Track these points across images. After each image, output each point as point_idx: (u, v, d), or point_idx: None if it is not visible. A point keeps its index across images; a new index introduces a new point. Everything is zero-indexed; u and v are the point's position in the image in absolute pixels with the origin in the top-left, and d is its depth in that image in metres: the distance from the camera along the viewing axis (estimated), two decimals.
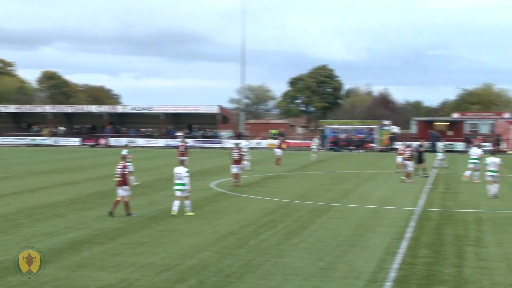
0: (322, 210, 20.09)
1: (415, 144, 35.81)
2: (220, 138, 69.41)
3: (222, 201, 22.29)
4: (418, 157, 31.73)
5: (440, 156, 38.19)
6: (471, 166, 29.77)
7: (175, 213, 18.50)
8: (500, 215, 19.16)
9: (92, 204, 21.34)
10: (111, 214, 18.31)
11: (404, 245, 14.44)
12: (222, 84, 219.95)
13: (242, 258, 13.10)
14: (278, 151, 41.18)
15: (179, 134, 67.87)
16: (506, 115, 66.22)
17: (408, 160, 29.96)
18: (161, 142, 68.74)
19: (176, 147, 39.67)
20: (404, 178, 29.58)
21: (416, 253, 13.61)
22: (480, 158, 30.15)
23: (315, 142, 48.70)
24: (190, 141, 61.81)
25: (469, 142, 57.96)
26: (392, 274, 11.71)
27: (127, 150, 26.97)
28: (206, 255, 13.38)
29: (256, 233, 15.98)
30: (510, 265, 12.48)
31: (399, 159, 33.13)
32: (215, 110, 71.79)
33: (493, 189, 23.36)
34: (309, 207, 20.71)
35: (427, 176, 30.35)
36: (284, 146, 44.27)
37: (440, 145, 39.93)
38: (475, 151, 30.70)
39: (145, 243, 14.64)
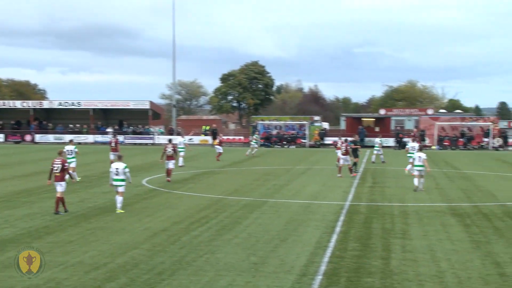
0: (255, 205, 20.21)
1: (350, 139, 36.59)
2: (151, 134, 68.50)
3: (154, 198, 22.02)
4: (352, 153, 32.27)
5: (377, 151, 39.73)
6: (410, 160, 30.57)
7: (120, 211, 18.32)
8: (425, 208, 19.90)
9: (17, 202, 20.56)
10: (59, 213, 17.85)
11: (334, 238, 14.74)
12: (153, 79, 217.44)
13: (174, 255, 12.99)
14: (219, 147, 41.89)
15: (109, 130, 66.44)
16: (429, 112, 68.62)
17: (344, 154, 30.51)
18: (90, 138, 67.08)
19: (108, 143, 38.85)
20: (350, 171, 30.32)
21: (346, 246, 13.93)
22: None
23: (254, 138, 49.39)
24: (120, 137, 60.61)
25: (397, 137, 59.84)
26: (323, 268, 11.94)
27: (73, 146, 27.16)
28: (137, 252, 13.18)
29: (188, 229, 15.89)
30: (434, 257, 12.98)
31: (338, 153, 33.76)
32: (146, 106, 70.76)
33: (417, 182, 24.28)
34: (242, 203, 20.77)
35: (357, 172, 31.09)
36: (215, 142, 44.47)
37: (377, 140, 41.49)
38: (412, 145, 31.91)
39: (74, 241, 14.26)
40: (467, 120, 62.94)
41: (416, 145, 31.95)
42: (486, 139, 58.79)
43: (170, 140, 30.12)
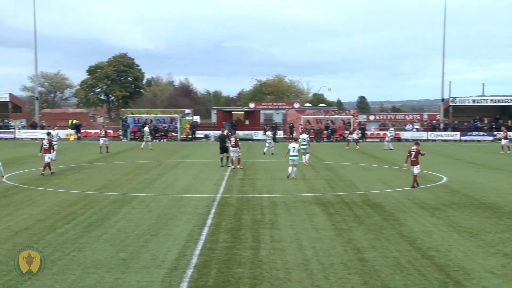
0: (125, 200, 19.78)
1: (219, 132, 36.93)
2: (11, 128, 64.50)
3: (15, 196, 20.77)
4: (222, 146, 32.13)
5: (269, 143, 40.84)
6: (302, 151, 31.99)
7: None
8: (292, 199, 20.63)
9: None
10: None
11: (205, 231, 14.83)
12: (14, 71, 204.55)
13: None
14: (103, 140, 42.58)
15: None
16: (296, 105, 71.16)
17: (234, 147, 30.79)
18: None
19: None
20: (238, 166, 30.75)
21: (217, 238, 14.08)
22: (308, 143, 33.06)
23: (146, 133, 49.20)
24: None
25: (265, 130, 61.42)
26: (194, 260, 11.98)
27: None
28: None
29: (53, 227, 15.19)
30: (300, 245, 13.52)
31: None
32: (5, 98, 66.55)
33: (290, 171, 26.09)
34: (111, 198, 20.25)
35: (228, 166, 31.33)
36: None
37: (269, 133, 43.05)
38: (304, 137, 33.55)
39: None
40: (330, 113, 66.19)
41: (306, 136, 33.87)
42: (347, 132, 62.16)
43: (48, 134, 30.08)
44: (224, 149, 31.91)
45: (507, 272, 11.47)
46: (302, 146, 32.05)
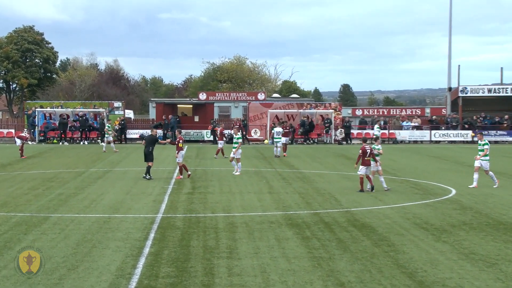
0: (32, 223, 19.53)
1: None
2: None
3: None
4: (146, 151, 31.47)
5: (278, 141, 44.38)
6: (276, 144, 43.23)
7: None
8: (256, 218, 20.65)
9: None
10: None
11: (142, 263, 14.74)
12: None
13: None
14: (19, 141, 43.88)
15: None
16: (261, 96, 71.55)
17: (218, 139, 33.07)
18: None
19: None
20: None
21: (157, 272, 14.01)
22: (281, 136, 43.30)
23: (109, 129, 50.75)
24: None
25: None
26: None
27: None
28: None
29: None
30: (267, 280, 13.54)
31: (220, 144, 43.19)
32: None
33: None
34: (13, 221, 19.98)
35: (146, 178, 30.59)
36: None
37: (278, 130, 44.98)
38: (278, 130, 43.93)
39: None
40: (306, 107, 66.62)
41: (280, 129, 43.93)
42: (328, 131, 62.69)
43: None
44: (148, 156, 30.90)
45: None
46: (276, 139, 43.27)
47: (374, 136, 41.71)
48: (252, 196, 25.49)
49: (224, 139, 45.44)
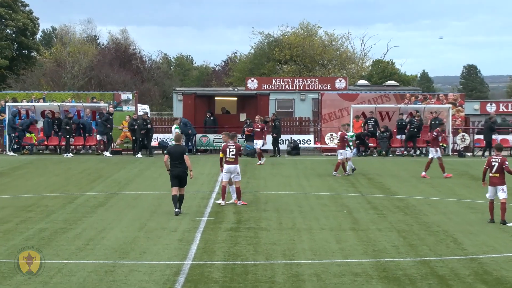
0: (1, 274, 19.73)
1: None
2: None
3: None
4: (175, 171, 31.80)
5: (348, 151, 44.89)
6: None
7: None
8: (333, 268, 20.59)
9: None
10: None
11: None
12: None
13: None
14: None
15: None
16: (340, 84, 71.59)
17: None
18: None
19: None
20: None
21: None
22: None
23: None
24: None
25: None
26: None
27: None
28: None
29: None
30: None
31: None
32: None
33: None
34: None
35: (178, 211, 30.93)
36: None
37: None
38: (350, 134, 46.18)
39: None
40: (410, 100, 65.73)
41: (352, 133, 47.21)
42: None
43: None
44: (180, 178, 29.85)
45: None
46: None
47: None
48: (326, 235, 25.41)
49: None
